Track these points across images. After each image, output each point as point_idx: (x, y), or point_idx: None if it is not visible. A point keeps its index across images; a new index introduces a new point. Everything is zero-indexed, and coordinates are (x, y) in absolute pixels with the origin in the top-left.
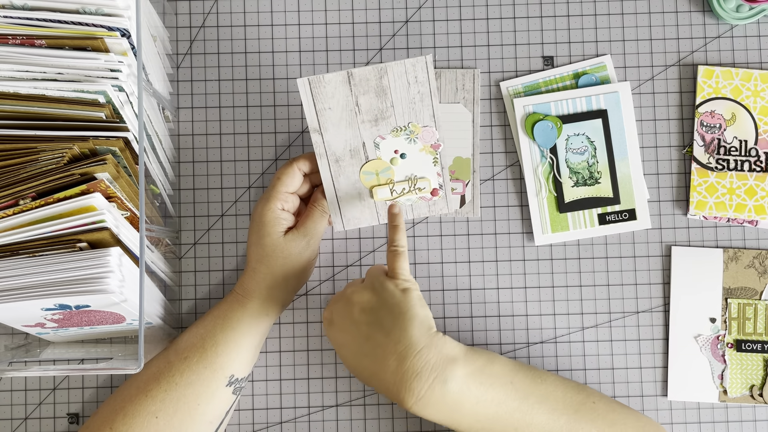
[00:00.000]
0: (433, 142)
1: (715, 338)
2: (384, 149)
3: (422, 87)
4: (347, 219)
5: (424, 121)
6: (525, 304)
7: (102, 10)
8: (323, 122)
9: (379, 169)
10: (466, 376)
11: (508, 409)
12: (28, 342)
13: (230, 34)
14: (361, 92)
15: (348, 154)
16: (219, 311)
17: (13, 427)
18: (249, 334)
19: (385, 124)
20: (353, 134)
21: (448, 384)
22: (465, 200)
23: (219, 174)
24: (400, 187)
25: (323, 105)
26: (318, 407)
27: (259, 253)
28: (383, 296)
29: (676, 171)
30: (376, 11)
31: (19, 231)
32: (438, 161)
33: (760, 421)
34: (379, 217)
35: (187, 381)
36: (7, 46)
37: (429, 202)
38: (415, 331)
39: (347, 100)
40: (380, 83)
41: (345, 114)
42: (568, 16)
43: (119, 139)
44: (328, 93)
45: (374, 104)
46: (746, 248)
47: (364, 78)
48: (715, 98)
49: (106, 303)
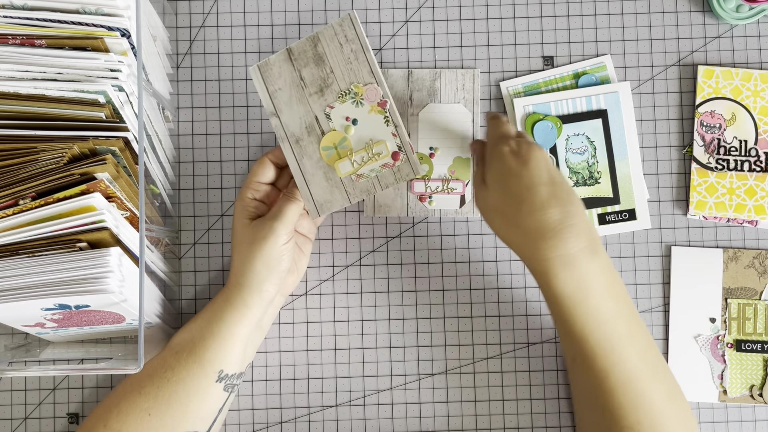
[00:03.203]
0: (379, 99)
1: (715, 338)
2: (336, 119)
3: (353, 44)
4: (320, 204)
5: (364, 79)
6: (525, 304)
7: (102, 10)
8: (277, 104)
9: (336, 141)
10: (607, 262)
11: (619, 322)
12: (28, 342)
13: (230, 34)
14: (303, 65)
15: (305, 132)
16: (209, 307)
17: (13, 427)
18: (233, 326)
19: (329, 92)
20: (305, 110)
21: (597, 257)
22: (465, 200)
23: (219, 174)
24: (359, 156)
25: (274, 87)
26: (318, 407)
27: (233, 242)
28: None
29: (676, 171)
30: (376, 11)
31: (19, 231)
32: (389, 120)
33: (760, 421)
34: (349, 197)
35: (178, 377)
36: (7, 46)
37: (393, 168)
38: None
39: (293, 77)
40: (316, 51)
41: (294, 91)
42: (568, 16)
43: (119, 139)
44: (275, 73)
45: (316, 74)
46: (746, 248)
47: (301, 50)
48: (715, 98)
49: (105, 303)
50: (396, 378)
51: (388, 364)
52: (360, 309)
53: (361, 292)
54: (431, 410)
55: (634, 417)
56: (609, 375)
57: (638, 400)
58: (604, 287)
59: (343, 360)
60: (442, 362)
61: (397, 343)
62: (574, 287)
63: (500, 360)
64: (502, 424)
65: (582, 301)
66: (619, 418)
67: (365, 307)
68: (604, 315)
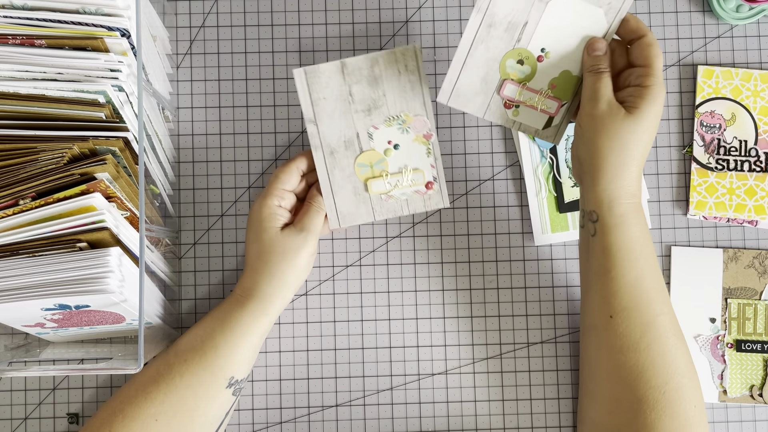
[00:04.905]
0: (425, 131)
1: (715, 338)
2: (377, 140)
3: (412, 76)
4: (342, 215)
5: (415, 110)
6: (525, 304)
7: (102, 10)
8: (318, 113)
9: (373, 160)
10: None
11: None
12: (28, 342)
13: (230, 34)
14: (354, 81)
15: (342, 145)
16: (218, 313)
17: (13, 427)
18: (248, 335)
19: (377, 114)
20: (347, 124)
21: None
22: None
23: (219, 174)
24: (395, 179)
25: (318, 95)
26: (318, 407)
27: (257, 249)
28: None
29: (676, 171)
30: (376, 11)
31: (19, 231)
32: (431, 152)
33: (760, 421)
34: (375, 214)
35: (187, 383)
36: (7, 46)
37: (424, 196)
38: None
39: (341, 90)
40: (372, 72)
41: (339, 104)
42: None
43: (119, 139)
44: (323, 83)
45: (367, 93)
46: (746, 248)
47: (356, 67)
48: (715, 98)
49: (106, 303)
50: (396, 378)
51: (388, 364)
52: (360, 309)
53: (361, 292)
54: (431, 410)
55: (663, 377)
56: (649, 327)
57: (668, 358)
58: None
59: (343, 360)
60: (442, 362)
61: (397, 343)
62: (645, 232)
63: (500, 360)
64: (502, 424)
65: (645, 246)
66: (648, 378)
67: (365, 307)
68: (655, 261)
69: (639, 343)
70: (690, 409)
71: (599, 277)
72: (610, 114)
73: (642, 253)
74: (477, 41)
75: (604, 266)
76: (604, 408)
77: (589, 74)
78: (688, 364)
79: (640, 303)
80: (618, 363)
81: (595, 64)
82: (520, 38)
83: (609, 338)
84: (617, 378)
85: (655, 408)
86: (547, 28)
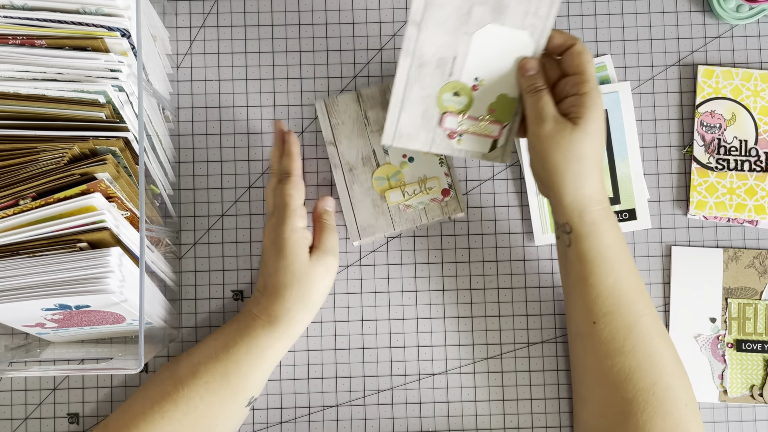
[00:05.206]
0: None
1: (715, 338)
2: (393, 155)
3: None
4: (363, 228)
5: None
6: (525, 304)
7: (102, 10)
8: (337, 135)
9: (390, 173)
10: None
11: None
12: (28, 342)
13: (230, 34)
14: (369, 107)
15: (360, 162)
16: (240, 335)
17: (13, 427)
18: (273, 357)
19: None
20: (364, 143)
21: None
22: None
23: (219, 174)
24: (411, 188)
25: (337, 120)
26: (318, 407)
27: (288, 278)
28: None
29: (676, 171)
30: (376, 11)
31: (19, 231)
32: (444, 162)
33: (760, 421)
34: (394, 224)
35: (208, 403)
36: (7, 46)
37: (441, 203)
38: None
39: (357, 115)
40: (384, 98)
41: (356, 126)
42: (568, 16)
43: (119, 139)
44: (341, 109)
45: (381, 116)
46: (746, 248)
47: (371, 95)
48: (715, 98)
49: (106, 303)
50: (396, 378)
51: (388, 364)
52: (360, 309)
53: (361, 292)
54: (431, 410)
55: (651, 378)
56: (632, 329)
57: (655, 359)
58: (623, 237)
59: (344, 360)
60: (442, 362)
61: (397, 343)
62: (618, 236)
63: (500, 360)
64: (502, 424)
65: (621, 250)
66: (636, 380)
67: (365, 307)
68: (632, 264)
69: (624, 346)
70: (681, 408)
71: (578, 285)
72: (558, 130)
73: (618, 257)
74: (410, 83)
75: (581, 274)
76: (595, 411)
77: (529, 95)
78: (676, 363)
79: (621, 307)
80: (605, 367)
81: (531, 83)
82: (452, 72)
83: (594, 344)
84: (606, 382)
85: (646, 409)
86: (477, 58)
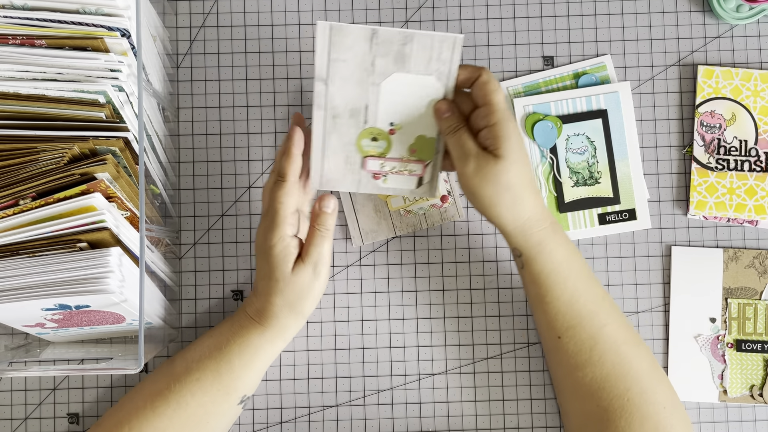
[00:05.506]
0: None
1: (715, 338)
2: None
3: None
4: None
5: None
6: (525, 305)
7: (102, 10)
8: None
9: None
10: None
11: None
12: (28, 342)
13: (230, 34)
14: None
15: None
16: (233, 334)
17: (13, 427)
18: (266, 357)
19: None
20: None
21: None
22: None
23: (219, 174)
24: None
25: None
26: (318, 407)
27: (272, 287)
28: None
29: (676, 171)
30: (376, 11)
31: (19, 231)
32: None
33: (760, 421)
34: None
35: (199, 402)
36: (7, 46)
37: (440, 209)
38: None
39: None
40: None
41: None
42: (568, 16)
43: (119, 139)
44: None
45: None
46: (746, 248)
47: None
48: (715, 98)
49: (106, 303)
50: (396, 378)
51: (388, 364)
52: (360, 309)
53: (361, 292)
54: (431, 410)
55: (624, 385)
56: (597, 340)
57: (624, 367)
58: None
59: (344, 360)
60: (442, 362)
61: (397, 343)
62: (569, 250)
63: (500, 360)
64: (502, 424)
65: (573, 264)
66: (609, 388)
67: (365, 307)
68: (589, 275)
69: (591, 357)
70: (660, 411)
71: (538, 304)
72: (482, 166)
73: (571, 271)
74: (327, 133)
75: (538, 294)
76: (577, 422)
77: (449, 137)
78: (650, 367)
79: (582, 320)
80: (577, 379)
81: (449, 125)
82: (366, 119)
83: (562, 358)
84: (580, 393)
85: (623, 415)
86: (389, 104)
